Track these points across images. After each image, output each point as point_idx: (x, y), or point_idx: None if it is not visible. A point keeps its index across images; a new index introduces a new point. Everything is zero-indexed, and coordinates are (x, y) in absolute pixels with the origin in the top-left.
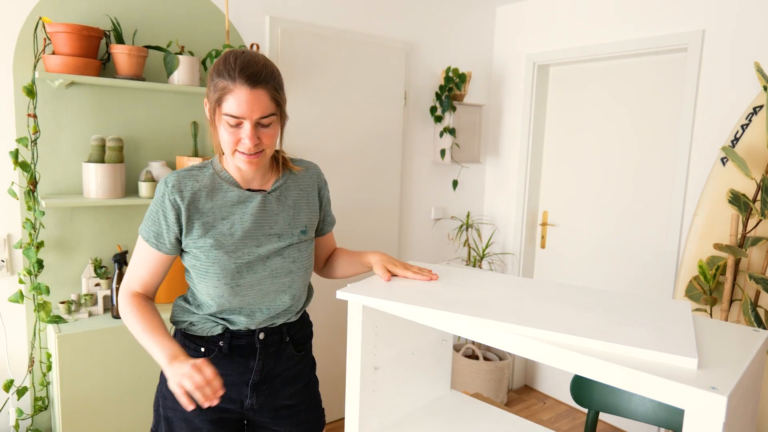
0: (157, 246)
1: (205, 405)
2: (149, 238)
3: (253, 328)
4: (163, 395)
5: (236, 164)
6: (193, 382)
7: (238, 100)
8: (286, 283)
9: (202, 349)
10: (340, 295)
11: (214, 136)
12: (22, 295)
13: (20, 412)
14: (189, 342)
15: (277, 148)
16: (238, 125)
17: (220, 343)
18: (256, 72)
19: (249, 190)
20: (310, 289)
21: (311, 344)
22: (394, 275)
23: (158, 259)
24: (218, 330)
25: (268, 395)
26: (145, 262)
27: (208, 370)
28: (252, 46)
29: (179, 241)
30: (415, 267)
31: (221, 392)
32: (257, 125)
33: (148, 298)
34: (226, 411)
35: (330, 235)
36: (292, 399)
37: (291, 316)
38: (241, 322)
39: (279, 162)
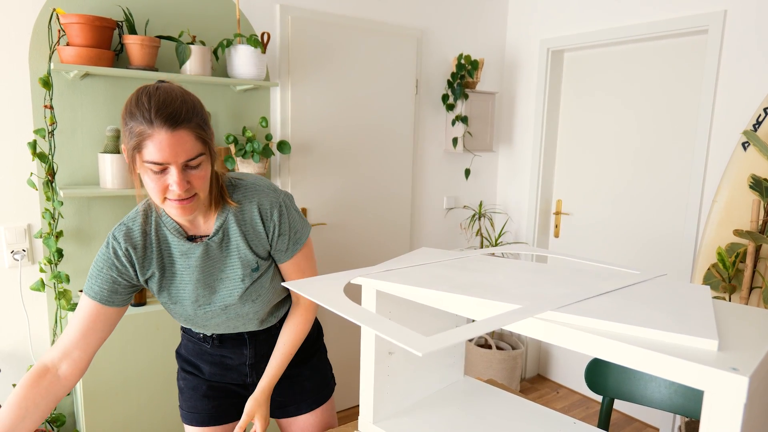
0: (109, 301)
1: None
2: (100, 294)
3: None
4: (179, 366)
5: (168, 212)
6: None
7: (159, 145)
8: (250, 314)
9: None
10: (355, 280)
11: (137, 185)
12: (43, 284)
13: None
14: (187, 335)
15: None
16: (163, 171)
17: (213, 337)
18: (175, 111)
19: (191, 238)
20: (287, 298)
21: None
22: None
23: (103, 314)
24: (207, 332)
25: None
26: (82, 320)
27: None
28: (263, 35)
29: (132, 287)
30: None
31: None
32: (185, 168)
33: (53, 374)
34: (230, 383)
35: (290, 265)
36: (293, 369)
37: (273, 321)
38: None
39: (219, 196)
